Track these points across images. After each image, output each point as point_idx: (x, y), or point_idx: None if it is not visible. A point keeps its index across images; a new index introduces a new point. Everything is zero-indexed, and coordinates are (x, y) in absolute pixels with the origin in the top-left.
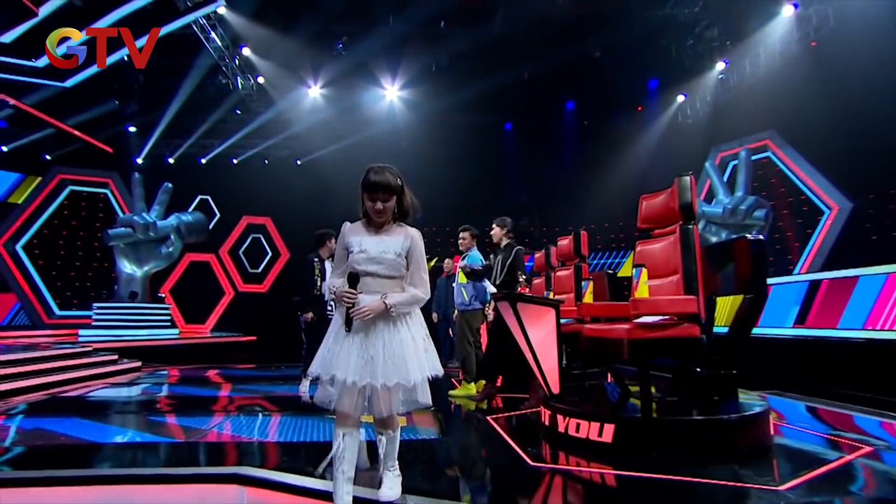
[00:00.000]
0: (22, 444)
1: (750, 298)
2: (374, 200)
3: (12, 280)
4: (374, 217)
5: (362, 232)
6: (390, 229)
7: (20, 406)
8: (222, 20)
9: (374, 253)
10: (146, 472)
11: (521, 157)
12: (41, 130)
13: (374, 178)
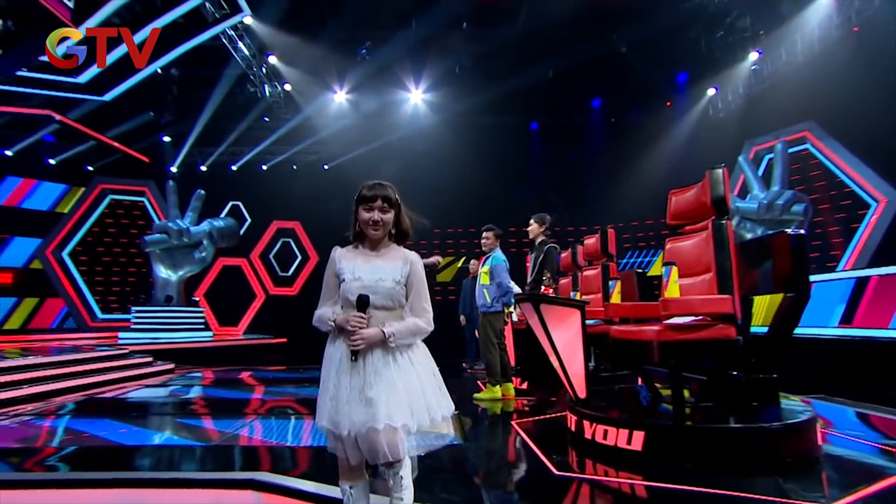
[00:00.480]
0: (53, 445)
1: (791, 297)
2: (371, 210)
3: (59, 286)
4: (369, 232)
5: (355, 257)
6: (387, 252)
7: (65, 406)
8: (249, 30)
9: (369, 281)
10: (165, 475)
11: (548, 156)
12: (83, 143)
13: (372, 188)
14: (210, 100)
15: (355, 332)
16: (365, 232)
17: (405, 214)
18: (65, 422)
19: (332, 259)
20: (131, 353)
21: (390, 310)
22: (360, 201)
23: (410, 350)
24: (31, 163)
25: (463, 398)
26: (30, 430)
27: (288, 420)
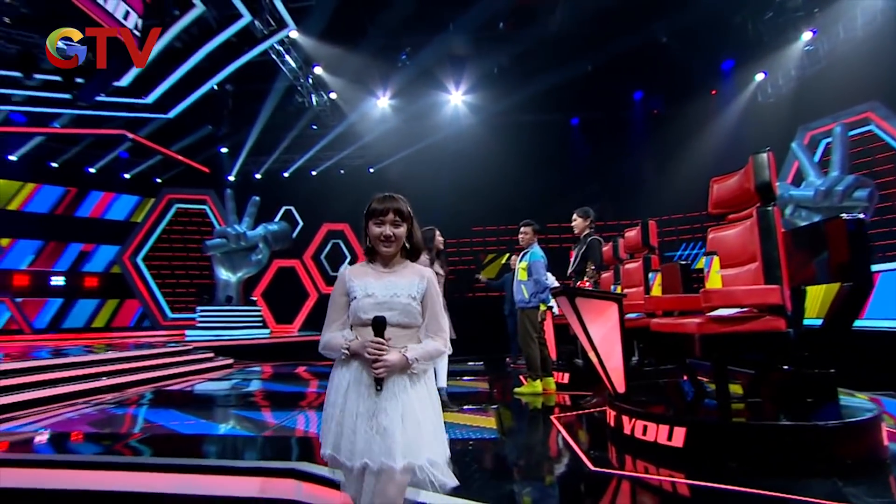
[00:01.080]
0: (127, 432)
1: (849, 287)
2: (383, 224)
3: (135, 288)
4: (381, 247)
5: (367, 274)
6: (400, 269)
7: (138, 396)
8: (295, 44)
9: (383, 297)
10: (214, 463)
11: (590, 151)
12: (152, 158)
13: (382, 200)
14: (262, 112)
15: (377, 359)
16: (376, 248)
17: (417, 229)
18: (137, 411)
19: (340, 277)
20: (194, 349)
21: (406, 328)
22: (371, 215)
23: (426, 376)
24: (109, 178)
25: (505, 392)
26: (108, 418)
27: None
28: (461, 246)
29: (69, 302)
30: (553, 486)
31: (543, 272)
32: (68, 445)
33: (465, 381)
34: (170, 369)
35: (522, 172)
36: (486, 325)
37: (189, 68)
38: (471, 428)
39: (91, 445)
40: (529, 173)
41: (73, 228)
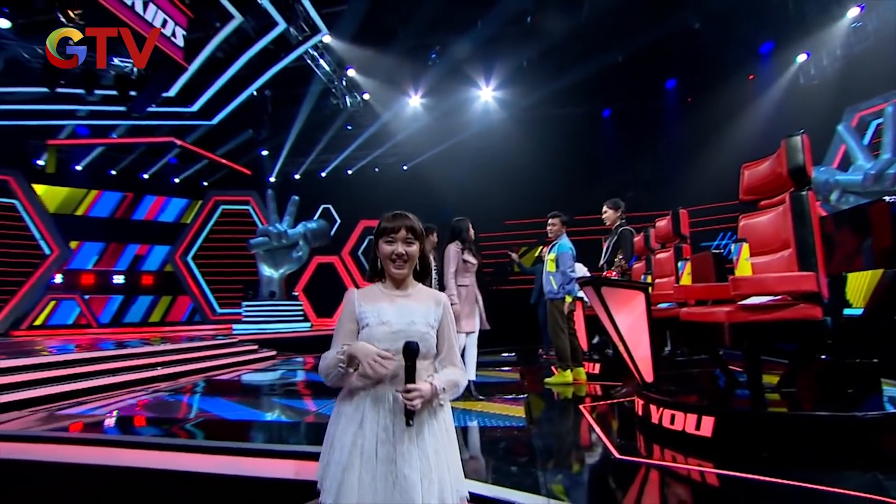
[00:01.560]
0: (175, 417)
1: (892, 273)
2: (394, 242)
3: (186, 285)
4: (392, 269)
5: (378, 298)
6: (414, 292)
7: (190, 385)
8: (328, 48)
9: (398, 325)
10: (254, 446)
11: (622, 142)
12: (199, 162)
13: (393, 217)
14: (299, 114)
15: (411, 391)
16: (387, 269)
17: (428, 249)
18: (189, 398)
19: (349, 301)
20: (240, 342)
21: (422, 359)
22: (381, 233)
23: (444, 411)
24: (161, 183)
25: (535, 383)
26: (164, 404)
27: None
28: (495, 240)
29: (129, 299)
30: (578, 473)
31: (571, 263)
32: (130, 428)
33: (496, 372)
34: (218, 360)
35: (554, 165)
36: (520, 316)
37: (230, 76)
38: (499, 417)
39: (149, 428)
40: (561, 166)
41: (130, 231)
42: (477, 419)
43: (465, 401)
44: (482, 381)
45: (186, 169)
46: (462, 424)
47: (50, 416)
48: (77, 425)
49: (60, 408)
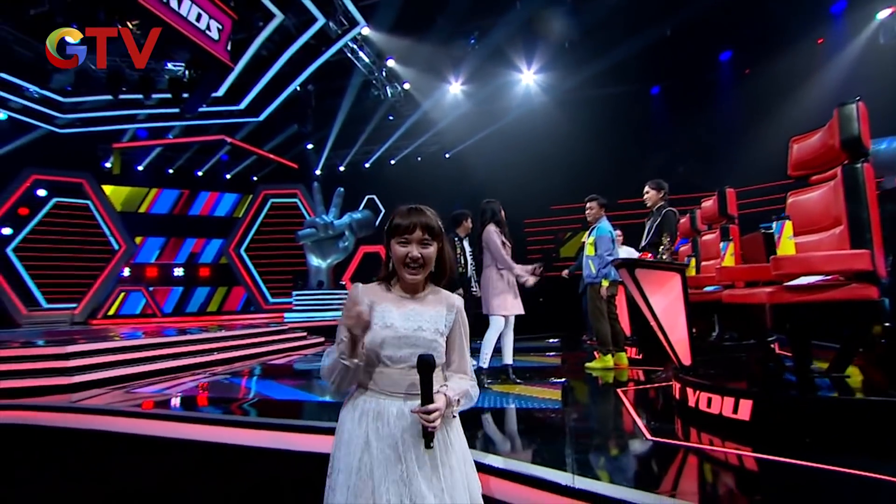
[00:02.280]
0: (231, 397)
1: None
2: (408, 243)
3: (240, 276)
4: (405, 273)
5: (384, 297)
6: (425, 295)
7: (244, 369)
8: (367, 40)
9: (404, 330)
10: (301, 423)
11: (673, 120)
12: (248, 158)
13: (408, 213)
14: (342, 107)
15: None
16: (399, 273)
17: (447, 248)
18: (244, 380)
19: (352, 296)
20: (290, 329)
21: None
22: (394, 232)
23: (456, 423)
24: (214, 179)
25: (575, 367)
26: (221, 385)
27: None
28: (541, 225)
29: (188, 290)
30: (606, 452)
31: (609, 247)
32: (192, 405)
33: (539, 357)
34: (270, 346)
35: (598, 148)
36: (565, 302)
37: (274, 73)
38: (536, 399)
39: (209, 407)
40: (606, 148)
41: (187, 226)
42: (514, 401)
43: (503, 384)
44: (525, 365)
45: (237, 165)
46: (498, 406)
47: (124, 393)
48: (148, 402)
49: (132, 387)
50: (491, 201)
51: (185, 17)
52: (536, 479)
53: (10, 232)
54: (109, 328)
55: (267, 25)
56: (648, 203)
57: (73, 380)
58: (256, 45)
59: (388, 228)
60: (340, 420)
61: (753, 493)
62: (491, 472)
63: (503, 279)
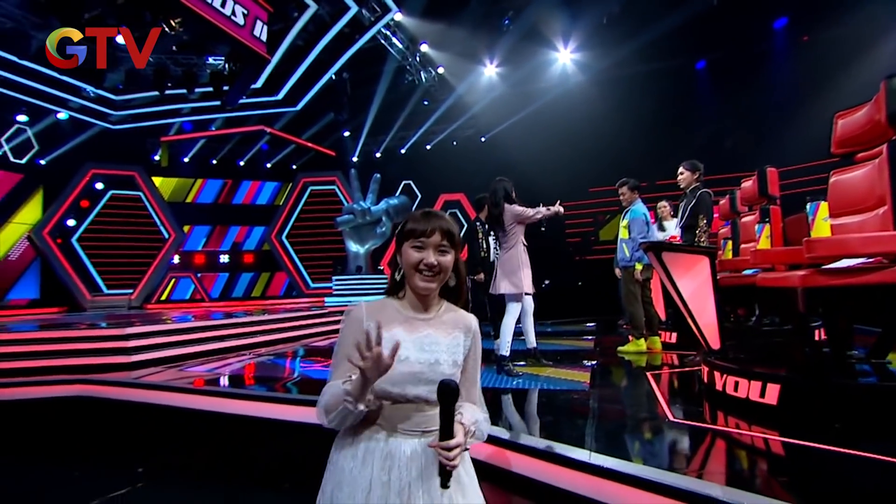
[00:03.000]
0: (275, 376)
1: None
2: (425, 248)
3: (282, 262)
4: (419, 281)
5: (393, 318)
6: (439, 314)
7: (289, 350)
8: (400, 25)
9: (419, 365)
10: None
11: (719, 96)
12: (287, 147)
13: (426, 217)
14: (377, 94)
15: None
16: (410, 282)
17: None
18: (286, 361)
19: (352, 319)
20: (329, 312)
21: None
22: (408, 236)
23: (467, 457)
24: (255, 168)
25: (608, 351)
26: (265, 365)
27: None
28: (580, 208)
29: (233, 276)
30: (626, 431)
31: (643, 229)
32: (239, 383)
33: (572, 340)
34: (311, 329)
35: (638, 127)
36: (604, 286)
37: (310, 63)
38: (564, 381)
39: (254, 385)
40: (646, 128)
41: (231, 214)
42: (541, 383)
43: (531, 367)
44: (557, 349)
45: (276, 154)
46: (525, 387)
47: (178, 371)
48: (199, 380)
49: (185, 366)
50: (502, 179)
51: (224, 12)
52: (555, 455)
53: (73, 223)
54: (163, 312)
55: (301, 16)
56: (682, 184)
57: (132, 358)
58: (292, 35)
59: (401, 233)
60: (337, 455)
61: (778, 474)
62: (510, 447)
63: (525, 255)
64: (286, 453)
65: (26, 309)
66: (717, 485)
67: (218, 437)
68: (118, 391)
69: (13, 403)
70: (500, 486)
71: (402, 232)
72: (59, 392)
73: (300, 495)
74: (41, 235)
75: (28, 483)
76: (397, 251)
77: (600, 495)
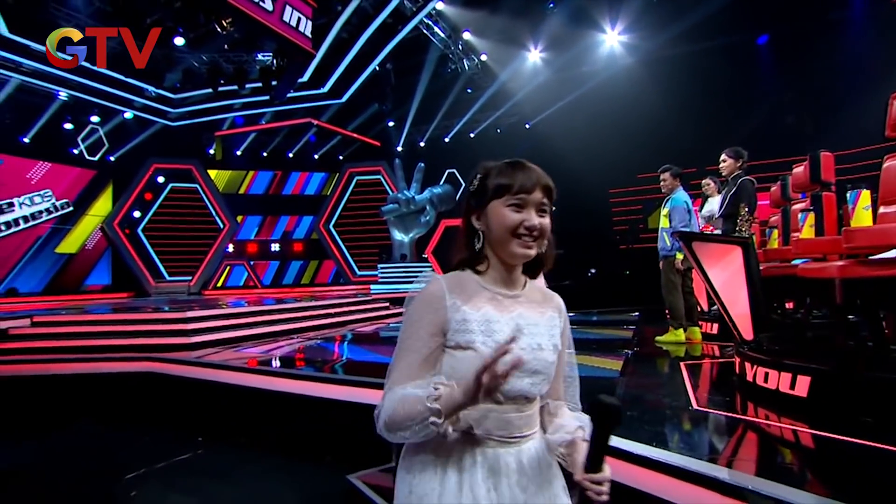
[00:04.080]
0: (320, 358)
1: None
2: (524, 207)
3: (329, 251)
4: (516, 247)
5: (479, 295)
6: (527, 291)
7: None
8: (442, 14)
9: (520, 351)
10: (370, 380)
11: (784, 72)
12: (334, 138)
13: (524, 170)
14: (420, 83)
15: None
16: (505, 250)
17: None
18: (332, 345)
19: (429, 296)
20: (373, 300)
21: (533, 401)
22: (499, 192)
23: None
24: (303, 160)
25: (648, 341)
26: (313, 348)
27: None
28: (627, 195)
29: (284, 264)
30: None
31: (685, 218)
32: (289, 364)
33: (611, 330)
34: (357, 315)
35: (689, 110)
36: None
37: (354, 55)
38: (593, 368)
39: (303, 366)
40: (698, 110)
41: (281, 204)
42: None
43: None
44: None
45: (324, 145)
46: None
47: (233, 352)
48: (253, 361)
49: (239, 347)
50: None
51: (271, 10)
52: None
53: (139, 215)
54: (219, 298)
55: (345, 9)
56: (724, 172)
57: (192, 340)
58: (336, 28)
59: (483, 190)
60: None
61: (804, 466)
62: None
63: None
64: (328, 429)
65: (101, 294)
66: (730, 470)
67: (268, 412)
68: (181, 368)
69: (93, 376)
70: None
71: (485, 188)
72: (131, 368)
73: (339, 467)
74: (112, 226)
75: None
76: (475, 212)
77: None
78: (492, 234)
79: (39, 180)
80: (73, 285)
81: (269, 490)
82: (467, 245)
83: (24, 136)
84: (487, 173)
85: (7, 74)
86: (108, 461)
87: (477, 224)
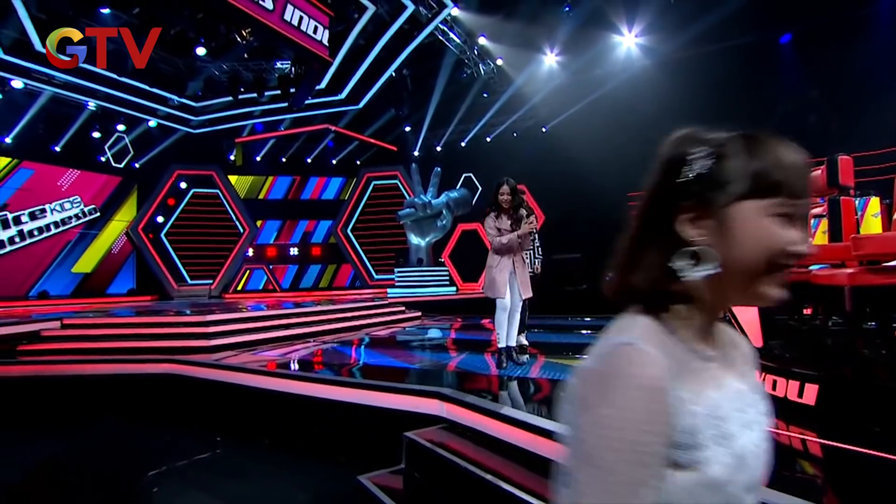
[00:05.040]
0: (337, 361)
1: None
2: (795, 221)
3: (347, 255)
4: (771, 293)
5: (688, 365)
6: (725, 349)
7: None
8: (457, 20)
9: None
10: (382, 383)
11: (808, 73)
12: (351, 144)
13: (799, 159)
14: (436, 89)
15: None
16: (745, 286)
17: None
18: (348, 349)
19: (640, 389)
20: (390, 303)
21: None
22: (761, 188)
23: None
24: (321, 165)
25: None
26: (330, 352)
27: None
28: None
29: (302, 268)
30: None
31: None
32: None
33: None
34: (374, 318)
35: (711, 112)
36: None
37: (370, 61)
38: None
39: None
40: (718, 112)
41: (300, 209)
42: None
43: (555, 357)
44: None
45: (341, 151)
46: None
47: (252, 355)
48: (271, 364)
49: (258, 350)
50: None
51: (289, 21)
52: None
53: (162, 220)
54: (239, 301)
55: (361, 17)
56: None
57: (212, 342)
58: (353, 36)
59: (737, 177)
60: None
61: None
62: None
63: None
64: (342, 431)
65: (125, 297)
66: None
67: (285, 413)
68: (201, 371)
69: (117, 377)
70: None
71: (723, 175)
72: (153, 370)
73: (353, 468)
74: (136, 231)
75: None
76: (692, 210)
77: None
78: (731, 256)
79: (69, 187)
80: (100, 288)
81: (284, 488)
82: (661, 268)
83: (55, 144)
84: (724, 150)
85: (40, 87)
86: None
87: (694, 232)
